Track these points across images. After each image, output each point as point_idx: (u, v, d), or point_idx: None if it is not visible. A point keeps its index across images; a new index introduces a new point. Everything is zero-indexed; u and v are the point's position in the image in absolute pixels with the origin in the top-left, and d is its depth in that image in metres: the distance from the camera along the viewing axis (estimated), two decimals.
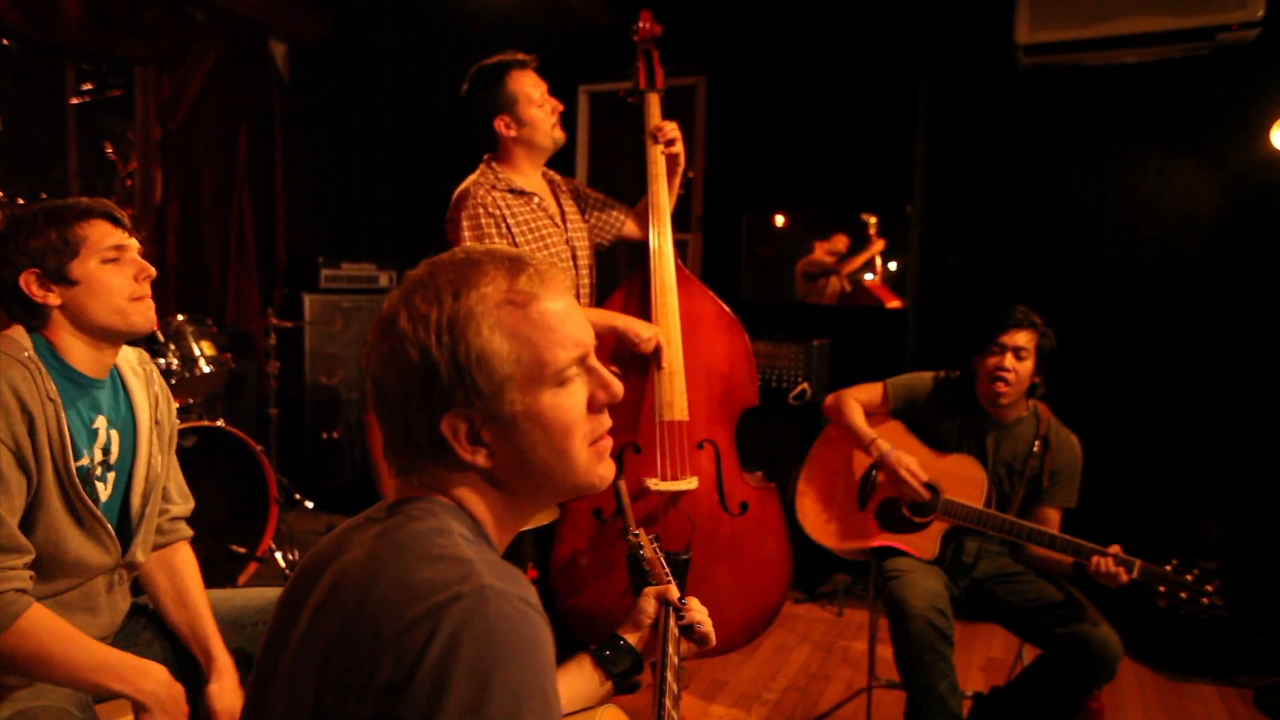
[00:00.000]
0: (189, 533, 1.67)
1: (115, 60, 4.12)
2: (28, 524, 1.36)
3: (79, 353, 1.45)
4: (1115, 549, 2.11)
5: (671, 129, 2.46)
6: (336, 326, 4.61)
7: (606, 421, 0.95)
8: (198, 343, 3.20)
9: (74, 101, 4.14)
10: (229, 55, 4.35)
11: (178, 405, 2.43)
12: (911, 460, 2.34)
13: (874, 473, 2.44)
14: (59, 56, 4.00)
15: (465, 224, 2.26)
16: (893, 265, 3.89)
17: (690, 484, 2.41)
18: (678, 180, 2.53)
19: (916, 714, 2.14)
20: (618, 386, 0.94)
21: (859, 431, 2.42)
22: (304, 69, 4.81)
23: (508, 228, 2.29)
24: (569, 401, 0.89)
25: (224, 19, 4.29)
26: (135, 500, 1.53)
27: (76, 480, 1.40)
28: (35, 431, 1.34)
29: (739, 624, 2.48)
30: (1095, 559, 2.10)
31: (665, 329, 2.39)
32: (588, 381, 0.93)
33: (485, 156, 2.42)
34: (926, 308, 3.78)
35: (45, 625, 1.31)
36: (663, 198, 2.45)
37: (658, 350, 2.35)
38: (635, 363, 2.40)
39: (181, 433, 2.75)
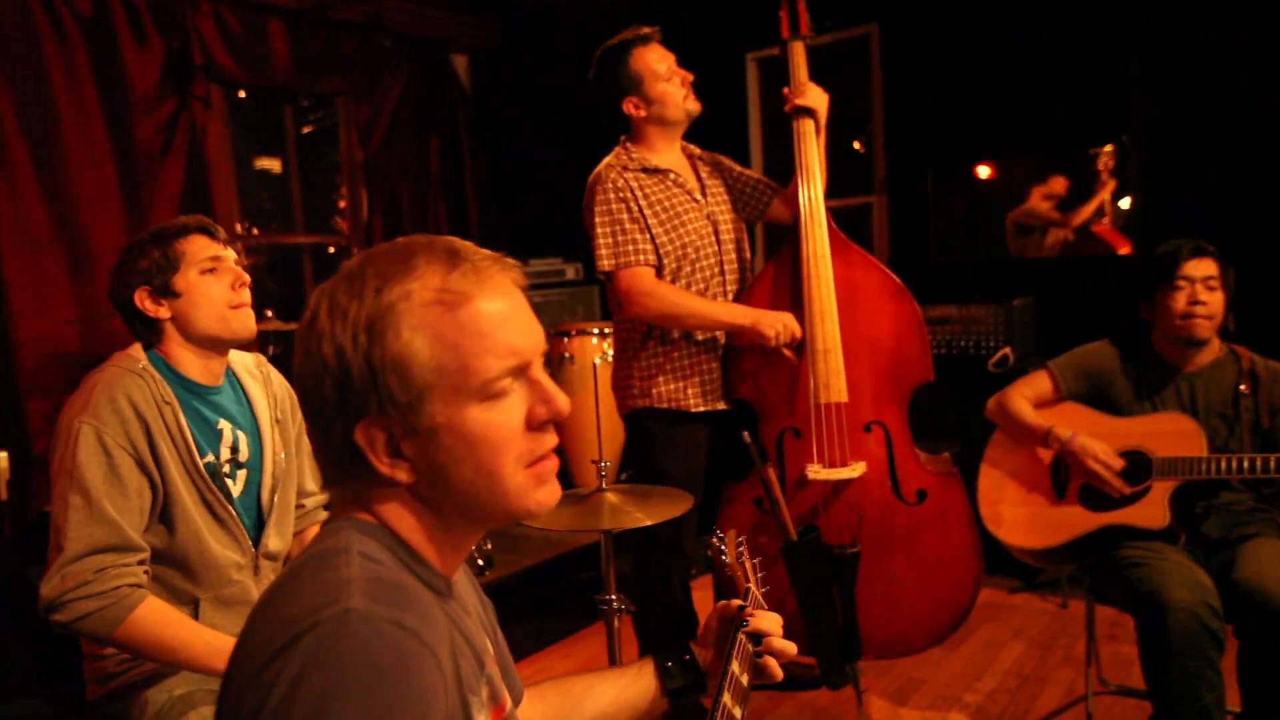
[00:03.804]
0: (324, 516, 1.77)
1: (321, 95, 4.53)
2: (168, 523, 1.49)
3: (190, 362, 1.56)
4: None
5: (813, 96, 2.26)
6: None
7: (549, 440, 0.83)
8: None
9: (300, 133, 4.61)
10: (416, 76, 4.64)
11: None
12: (1097, 445, 2.04)
13: (1062, 458, 2.13)
14: (277, 98, 4.47)
15: (597, 209, 2.22)
16: (1125, 203, 3.36)
17: (855, 471, 2.22)
18: (823, 146, 2.32)
19: None
20: (562, 402, 0.82)
21: (1031, 426, 2.13)
22: (483, 78, 5.04)
23: (640, 209, 2.22)
24: (500, 418, 0.79)
25: (409, 42, 4.58)
26: (264, 495, 1.63)
27: (205, 474, 1.51)
28: (153, 435, 1.46)
29: (921, 624, 2.26)
30: None
31: (818, 303, 2.21)
32: (527, 395, 0.82)
33: (621, 138, 2.36)
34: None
35: (160, 616, 1.41)
36: (810, 158, 2.26)
37: (801, 336, 2.18)
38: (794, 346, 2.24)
39: None
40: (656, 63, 2.25)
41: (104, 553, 1.39)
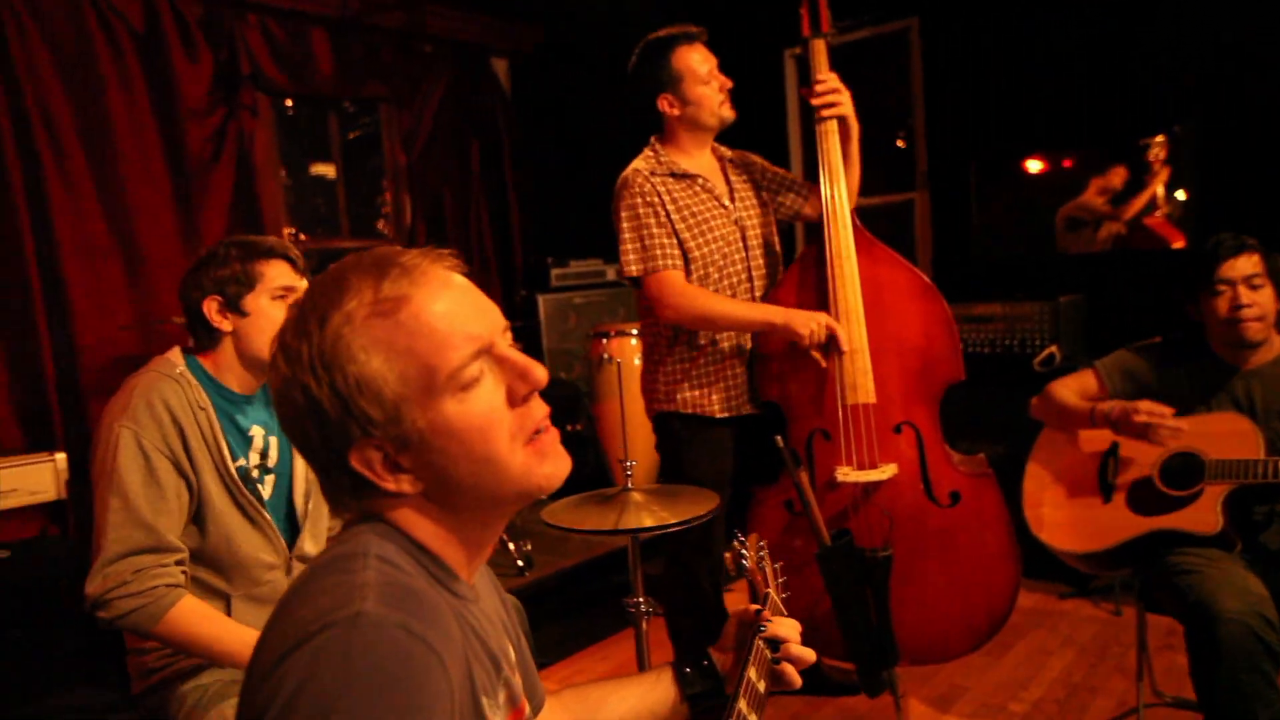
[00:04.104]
0: None
1: (364, 101, 4.62)
2: (201, 524, 1.53)
3: (233, 375, 1.60)
4: None
5: (832, 91, 2.20)
6: (570, 323, 4.81)
7: (538, 411, 0.83)
8: None
9: (345, 140, 4.71)
10: (457, 81, 4.70)
11: None
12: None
13: (1110, 460, 2.05)
14: (322, 106, 4.57)
15: (624, 213, 2.21)
16: (1180, 195, 3.22)
17: (886, 473, 2.17)
18: (855, 146, 2.28)
19: None
20: (539, 372, 0.81)
21: (1074, 409, 2.04)
22: (523, 80, 5.08)
23: (667, 214, 2.20)
24: (480, 405, 0.79)
25: (449, 46, 4.64)
26: (299, 499, 1.67)
27: (237, 478, 1.55)
28: (187, 439, 1.50)
29: (957, 629, 2.20)
30: None
31: (844, 303, 2.17)
32: (501, 374, 0.81)
33: (651, 138, 2.35)
34: None
35: (196, 613, 1.46)
36: (834, 157, 2.22)
37: (832, 336, 2.14)
38: (823, 346, 2.21)
39: None
40: (699, 64, 2.23)
41: (142, 554, 1.45)
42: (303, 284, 1.61)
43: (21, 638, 3.14)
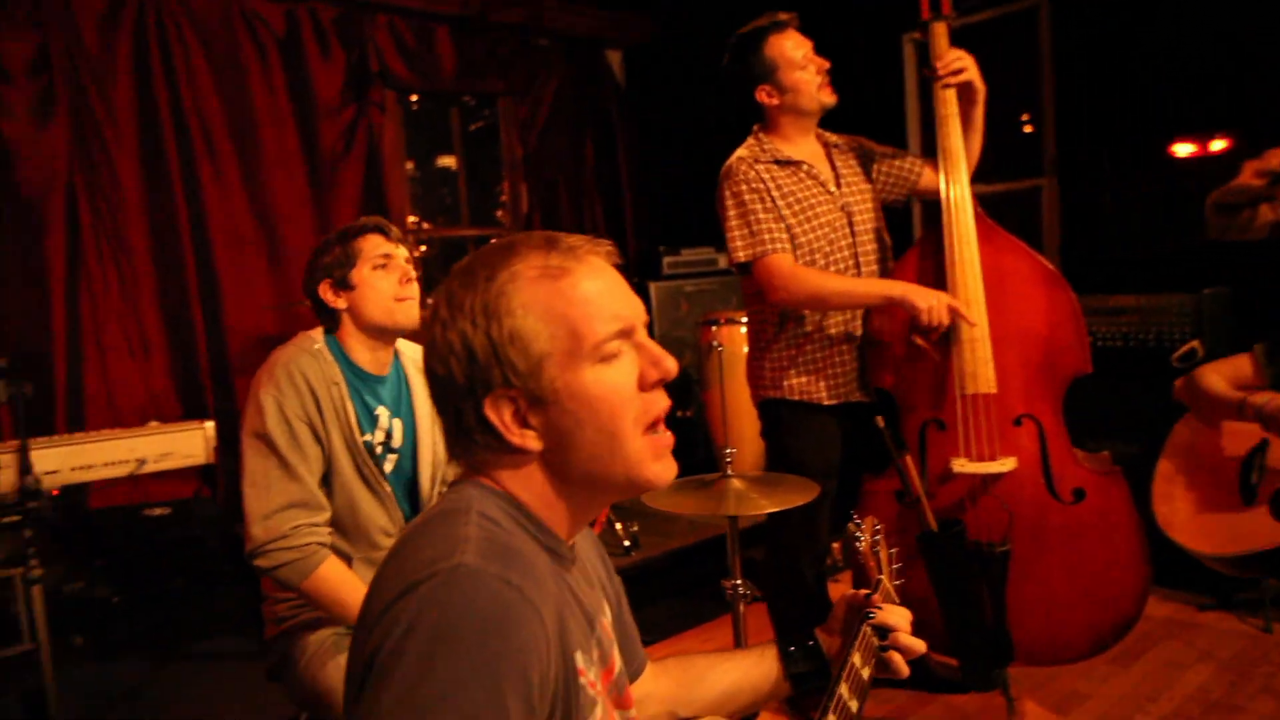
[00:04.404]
0: None
1: (484, 96, 4.78)
2: (328, 489, 1.65)
3: (360, 350, 1.71)
4: None
5: (955, 59, 2.14)
6: (682, 310, 4.83)
7: (661, 401, 0.87)
8: None
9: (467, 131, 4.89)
10: (572, 73, 4.80)
11: None
12: None
13: (1256, 459, 1.90)
14: (444, 101, 4.76)
15: (729, 200, 2.21)
16: None
17: (1004, 466, 2.09)
18: (979, 110, 2.20)
19: None
20: (670, 363, 0.86)
21: (1222, 397, 1.90)
22: (637, 70, 5.12)
23: (773, 201, 2.19)
24: (614, 378, 0.85)
25: (565, 41, 4.74)
26: (424, 481, 1.77)
27: (363, 449, 1.66)
28: (322, 408, 1.62)
29: (1077, 632, 2.11)
30: None
31: (964, 290, 2.10)
32: (637, 358, 0.87)
33: (754, 127, 2.34)
34: None
35: (339, 575, 1.58)
36: (954, 141, 2.15)
37: (948, 322, 2.08)
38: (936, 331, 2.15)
39: None
40: (792, 50, 2.20)
41: (297, 508, 1.58)
42: (399, 250, 1.71)
43: (183, 587, 3.46)
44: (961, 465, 2.11)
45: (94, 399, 3.48)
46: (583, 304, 0.84)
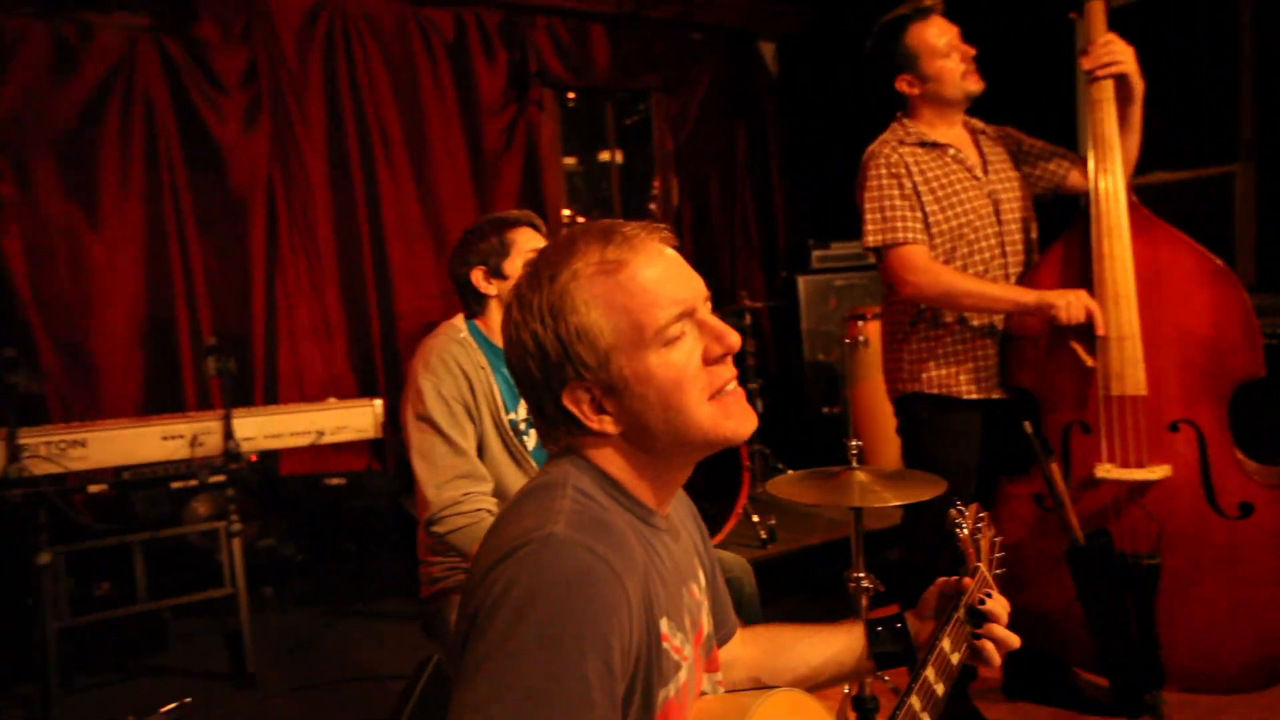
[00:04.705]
0: None
1: (637, 91, 4.90)
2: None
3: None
4: None
5: (1106, 51, 2.00)
6: (830, 305, 4.76)
7: (725, 373, 0.93)
8: None
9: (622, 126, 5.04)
10: (724, 66, 4.83)
11: None
12: None
13: None
14: (599, 98, 4.92)
15: (869, 184, 2.17)
16: None
17: (1157, 473, 1.95)
18: (1137, 109, 2.05)
19: None
20: (733, 337, 0.91)
21: None
22: (790, 62, 5.07)
23: (914, 185, 2.13)
24: (678, 359, 0.90)
25: (717, 34, 4.77)
26: None
27: (509, 427, 1.79)
28: (475, 390, 1.76)
29: (1241, 660, 1.94)
30: None
31: (1111, 286, 1.97)
32: (700, 335, 0.92)
33: (898, 115, 2.29)
34: None
35: None
36: (1107, 128, 2.01)
37: (1091, 317, 1.96)
38: (1084, 330, 2.03)
39: None
40: (935, 38, 2.14)
41: (465, 479, 1.72)
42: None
43: (354, 550, 3.85)
44: (1106, 471, 1.99)
45: (285, 375, 3.91)
46: (642, 294, 0.90)
